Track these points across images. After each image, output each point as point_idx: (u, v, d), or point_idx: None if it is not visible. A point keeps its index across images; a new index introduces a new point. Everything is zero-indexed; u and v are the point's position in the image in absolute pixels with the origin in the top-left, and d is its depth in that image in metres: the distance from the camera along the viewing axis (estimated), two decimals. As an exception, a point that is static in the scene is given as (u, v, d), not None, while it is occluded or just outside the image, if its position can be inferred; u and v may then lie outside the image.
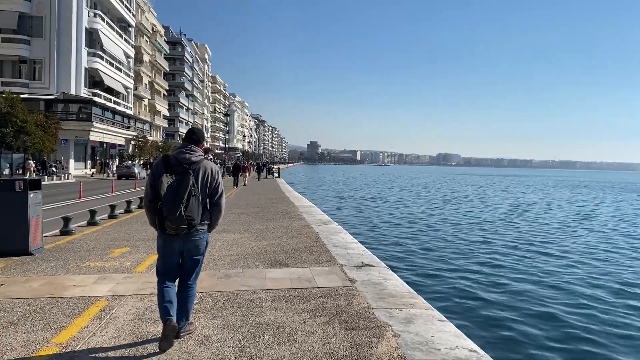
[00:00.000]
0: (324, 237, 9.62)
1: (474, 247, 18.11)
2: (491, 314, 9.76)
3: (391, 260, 13.89)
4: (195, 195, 3.91)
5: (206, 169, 4.07)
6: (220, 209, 4.21)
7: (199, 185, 3.97)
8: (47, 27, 46.05)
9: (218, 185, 4.15)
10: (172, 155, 4.11)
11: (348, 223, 22.21)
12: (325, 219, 12.89)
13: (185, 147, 4.13)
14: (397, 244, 18.11)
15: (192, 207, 3.88)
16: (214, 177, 4.13)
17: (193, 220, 3.89)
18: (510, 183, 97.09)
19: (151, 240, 9.48)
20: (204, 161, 4.13)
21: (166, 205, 3.84)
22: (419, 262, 14.74)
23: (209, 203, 4.15)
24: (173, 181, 3.86)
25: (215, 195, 4.14)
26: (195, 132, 4.28)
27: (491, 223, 26.12)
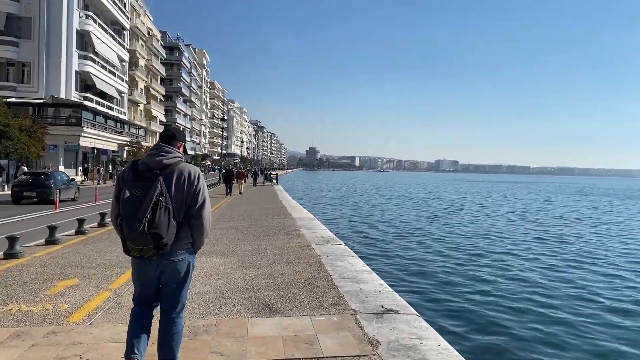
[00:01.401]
0: (328, 263, 7.71)
1: (533, 275, 14.50)
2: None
3: (416, 297, 11.24)
4: (165, 207, 3.14)
5: (182, 173, 3.29)
6: (202, 222, 3.35)
7: (172, 193, 3.22)
8: (36, 28, 44.21)
9: (198, 192, 3.33)
10: (142, 159, 3.36)
11: (353, 240, 20.17)
12: (328, 235, 10.97)
13: (158, 148, 3.38)
14: (420, 272, 14.42)
15: (160, 221, 3.10)
16: (192, 182, 3.31)
17: (161, 238, 3.10)
18: (521, 191, 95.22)
19: (113, 267, 7.59)
20: (180, 164, 3.35)
21: (125, 221, 3.12)
22: (460, 304, 11.03)
23: (190, 216, 3.33)
24: (137, 190, 3.12)
25: (194, 205, 3.32)
26: (170, 130, 3.55)
27: (542, 245, 21.50)
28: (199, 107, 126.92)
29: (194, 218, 3.31)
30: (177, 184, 3.24)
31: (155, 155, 3.30)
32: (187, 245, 3.33)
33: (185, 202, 3.27)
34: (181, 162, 3.37)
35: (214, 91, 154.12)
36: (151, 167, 3.23)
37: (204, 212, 3.34)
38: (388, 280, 10.62)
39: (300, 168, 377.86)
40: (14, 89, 43.88)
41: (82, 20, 47.95)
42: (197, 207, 3.30)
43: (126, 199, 3.11)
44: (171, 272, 3.29)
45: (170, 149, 3.36)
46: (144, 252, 3.13)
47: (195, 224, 3.32)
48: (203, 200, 3.34)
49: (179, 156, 3.39)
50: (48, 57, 44.57)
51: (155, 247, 3.11)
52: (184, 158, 3.50)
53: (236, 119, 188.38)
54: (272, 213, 16.69)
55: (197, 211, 3.30)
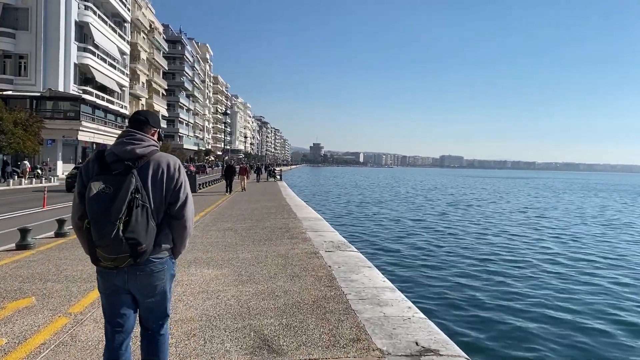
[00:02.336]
0: (341, 277, 6.41)
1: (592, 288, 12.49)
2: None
3: (454, 326, 9.16)
4: (143, 206, 2.58)
5: (160, 165, 2.72)
6: (185, 223, 2.80)
7: (149, 189, 2.66)
8: (34, 19, 43.02)
9: (180, 187, 2.78)
10: (109, 148, 2.72)
11: (367, 243, 18.49)
12: (337, 240, 9.66)
13: (128, 135, 2.77)
14: (454, 287, 12.11)
15: (137, 223, 2.54)
16: (172, 175, 2.75)
17: (139, 244, 2.54)
18: (532, 187, 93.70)
19: (82, 281, 6.35)
20: (157, 153, 2.76)
21: (95, 224, 2.50)
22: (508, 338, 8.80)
23: (170, 216, 2.77)
24: (105, 187, 2.52)
25: (175, 203, 2.75)
26: (143, 114, 2.92)
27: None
28: (202, 102, 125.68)
29: (174, 218, 2.80)
30: (154, 178, 2.71)
31: (125, 144, 2.73)
32: (166, 252, 2.81)
33: (164, 199, 2.75)
34: (157, 152, 2.83)
35: (217, 86, 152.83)
36: (122, 157, 2.67)
37: (187, 211, 2.82)
38: (410, 295, 9.39)
39: (304, 164, 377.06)
40: (11, 82, 42.76)
41: (81, 12, 46.73)
42: (179, 205, 2.78)
43: (93, 196, 2.53)
44: (147, 286, 2.74)
45: (143, 136, 2.80)
46: (119, 262, 2.59)
47: (177, 226, 2.81)
48: (185, 197, 2.82)
49: (153, 144, 2.83)
50: (46, 49, 43.41)
51: (132, 255, 2.57)
52: (159, 146, 2.93)
53: (240, 114, 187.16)
54: (275, 212, 15.39)
55: (178, 210, 2.78)
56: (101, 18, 50.62)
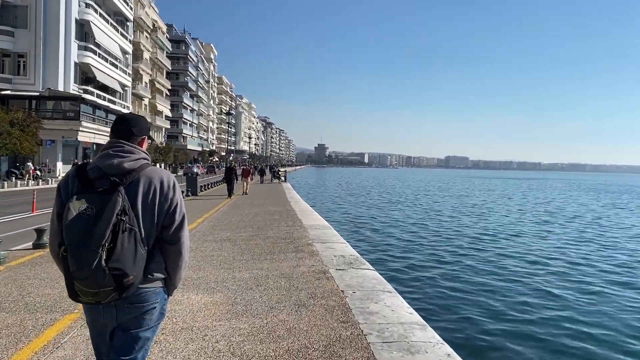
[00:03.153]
0: (357, 308, 5.25)
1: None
2: None
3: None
4: (130, 230, 2.21)
5: (151, 182, 2.36)
6: (181, 249, 2.41)
7: (139, 210, 2.29)
8: (33, 17, 42.09)
9: (175, 208, 2.40)
10: (92, 162, 2.35)
11: (381, 256, 16.29)
12: (349, 253, 8.50)
13: (114, 147, 2.38)
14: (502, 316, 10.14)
15: (123, 251, 2.16)
16: (167, 194, 2.39)
17: (125, 275, 2.16)
18: (543, 189, 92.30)
19: (46, 310, 5.24)
20: (148, 168, 2.39)
21: (72, 251, 2.11)
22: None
23: (163, 241, 2.39)
24: (87, 207, 2.16)
25: (170, 226, 2.38)
26: (129, 120, 2.47)
27: None
28: (207, 102, 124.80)
29: (170, 243, 2.37)
30: (145, 197, 2.31)
31: (111, 157, 2.32)
32: (159, 282, 2.37)
33: (156, 222, 2.34)
34: (148, 166, 2.40)
35: (221, 86, 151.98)
36: (107, 173, 2.26)
37: (183, 235, 2.40)
38: (444, 329, 8.11)
39: (309, 165, 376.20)
40: (9, 81, 41.86)
41: (82, 9, 45.79)
42: (174, 229, 2.37)
43: (72, 219, 2.12)
44: (133, 320, 2.30)
45: (132, 148, 2.38)
46: (101, 297, 2.16)
47: (171, 252, 2.38)
48: (181, 219, 2.41)
49: (144, 157, 2.41)
50: (45, 47, 42.48)
51: (117, 289, 2.15)
52: (150, 158, 2.47)
53: (244, 115, 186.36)
54: (278, 218, 14.24)
55: (173, 234, 2.37)
56: (102, 16, 49.68)
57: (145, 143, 2.53)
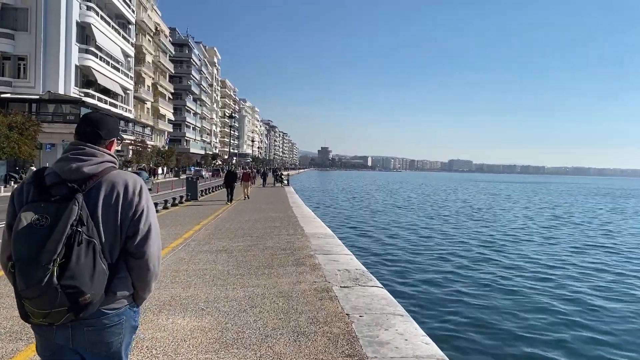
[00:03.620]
0: (366, 337, 4.54)
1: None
2: None
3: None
4: (88, 242, 1.97)
5: (114, 187, 2.11)
6: (147, 262, 2.14)
7: (99, 219, 2.05)
8: (33, 19, 41.62)
9: (140, 216, 2.13)
10: (50, 167, 2.13)
11: (388, 269, 15.20)
12: (354, 268, 7.79)
13: (75, 150, 2.13)
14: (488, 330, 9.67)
15: (79, 265, 1.92)
16: (131, 200, 2.12)
17: (81, 293, 1.92)
18: (550, 193, 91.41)
19: (6, 341, 4.57)
20: (112, 172, 2.14)
21: (20, 267, 1.91)
22: None
23: (127, 253, 2.13)
24: (40, 217, 1.93)
25: (134, 236, 2.11)
26: (96, 122, 2.21)
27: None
28: (210, 106, 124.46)
29: (134, 257, 2.11)
30: (107, 204, 2.06)
31: (70, 161, 2.09)
32: (124, 300, 2.12)
33: (120, 231, 2.08)
34: (113, 170, 2.15)
35: (225, 90, 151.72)
36: (65, 178, 2.05)
37: (149, 248, 2.12)
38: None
39: (312, 168, 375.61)
40: (9, 84, 41.37)
41: (83, 12, 45.32)
42: (140, 240, 2.10)
43: (22, 230, 1.91)
44: (97, 343, 2.06)
45: (94, 150, 2.13)
46: (54, 319, 1.92)
47: (136, 267, 2.12)
48: (148, 228, 2.12)
49: (108, 160, 2.16)
50: (46, 50, 42.00)
51: (72, 309, 1.90)
52: (117, 162, 2.21)
53: (248, 118, 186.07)
54: (279, 226, 13.56)
55: (138, 246, 2.10)
56: (104, 19, 49.23)
57: (114, 146, 2.28)
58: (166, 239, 10.96)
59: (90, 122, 2.20)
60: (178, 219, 15.61)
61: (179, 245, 10.12)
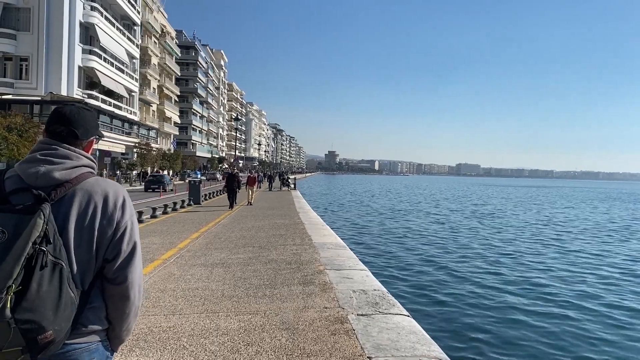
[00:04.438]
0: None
1: None
2: None
3: None
4: (54, 265, 1.61)
5: (91, 198, 1.76)
6: (127, 291, 1.79)
7: (71, 237, 1.70)
8: (36, 20, 40.93)
9: (123, 235, 1.79)
10: (13, 169, 1.78)
11: (412, 282, 13.58)
12: (372, 287, 6.58)
13: (45, 150, 1.78)
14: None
15: (40, 295, 1.57)
16: (111, 215, 1.78)
17: (40, 330, 1.55)
18: (567, 197, 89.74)
19: None
20: (89, 180, 1.79)
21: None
22: None
23: (104, 278, 1.78)
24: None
25: (114, 260, 1.77)
26: (71, 119, 1.83)
27: None
28: (217, 109, 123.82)
29: (112, 283, 1.76)
30: (81, 219, 1.72)
31: (38, 163, 1.73)
32: (96, 336, 1.74)
33: (96, 253, 1.74)
34: (90, 177, 1.80)
35: (232, 93, 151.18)
36: (30, 184, 1.70)
37: (133, 271, 1.78)
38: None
39: (319, 172, 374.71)
40: (11, 86, 40.67)
41: (87, 12, 44.55)
42: (120, 264, 1.76)
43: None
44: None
45: (69, 152, 1.78)
46: (8, 357, 1.60)
47: (115, 296, 1.77)
48: (132, 249, 1.79)
49: (86, 165, 1.81)
50: (48, 51, 41.27)
51: (28, 349, 1.56)
52: (96, 166, 1.87)
53: (255, 122, 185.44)
54: (285, 234, 12.38)
55: (118, 271, 1.76)
56: (108, 19, 48.46)
57: (92, 145, 1.89)
58: (158, 250, 9.84)
59: (64, 119, 1.79)
60: (176, 225, 14.50)
61: (171, 257, 8.97)
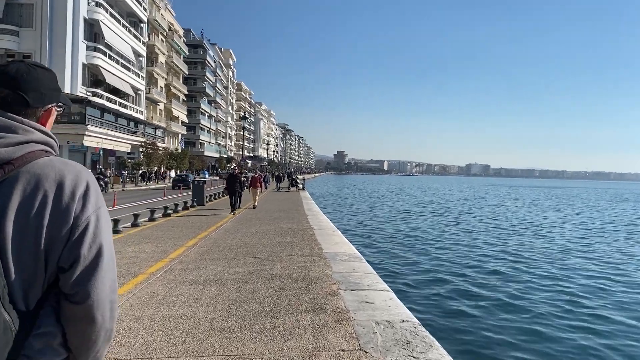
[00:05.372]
0: None
1: None
2: None
3: None
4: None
5: (39, 184, 1.31)
6: (92, 312, 1.32)
7: (7, 234, 1.26)
8: (39, 16, 39.98)
9: (84, 233, 1.34)
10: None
11: (440, 304, 11.38)
12: (399, 316, 5.25)
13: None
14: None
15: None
16: (67, 207, 1.33)
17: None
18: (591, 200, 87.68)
19: None
20: (40, 161, 1.35)
21: None
22: None
23: (61, 294, 1.33)
24: None
25: (74, 267, 1.31)
26: (13, 76, 1.39)
27: None
28: (225, 109, 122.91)
29: (71, 300, 1.33)
30: (25, 211, 1.30)
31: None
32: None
33: (46, 259, 1.32)
34: (43, 155, 1.39)
35: (240, 92, 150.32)
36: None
37: (97, 285, 1.33)
38: None
39: (328, 172, 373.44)
40: (14, 83, 39.64)
41: (91, 8, 43.57)
42: (81, 273, 1.32)
43: None
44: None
45: (14, 123, 1.37)
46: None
47: (76, 316, 1.33)
48: (97, 254, 1.35)
49: (38, 140, 1.40)
50: (51, 48, 40.28)
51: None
52: (55, 144, 1.47)
53: (263, 122, 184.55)
54: (292, 241, 11.07)
55: (79, 282, 1.32)
56: (113, 16, 47.49)
57: (51, 116, 1.50)
58: (147, 260, 8.58)
59: (9, 80, 1.38)
60: (173, 230, 13.25)
61: (158, 271, 7.70)
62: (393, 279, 13.56)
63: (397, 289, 10.56)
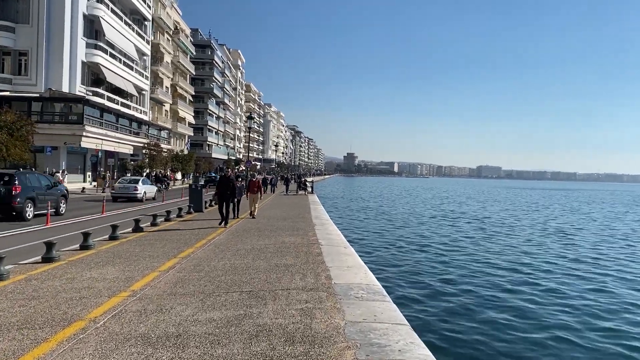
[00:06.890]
0: None
1: None
2: None
3: None
4: None
5: None
6: None
7: None
8: (35, 11, 38.19)
9: None
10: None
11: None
12: None
13: None
14: None
15: None
16: None
17: None
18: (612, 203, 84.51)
19: None
20: None
21: None
22: None
23: None
24: None
25: None
26: None
27: None
28: (233, 110, 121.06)
29: None
30: None
31: None
32: None
33: None
34: None
35: (249, 94, 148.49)
36: None
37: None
38: None
39: (338, 174, 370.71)
40: (9, 82, 37.94)
41: (91, 4, 41.72)
42: None
43: None
44: None
45: None
46: None
47: None
48: None
49: None
50: (49, 45, 38.49)
51: None
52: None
53: (273, 123, 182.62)
54: (292, 264, 8.82)
55: None
56: (115, 12, 45.63)
57: None
58: (99, 295, 6.41)
59: None
60: (154, 245, 11.08)
61: (104, 315, 5.52)
62: (430, 329, 10.69)
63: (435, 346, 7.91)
